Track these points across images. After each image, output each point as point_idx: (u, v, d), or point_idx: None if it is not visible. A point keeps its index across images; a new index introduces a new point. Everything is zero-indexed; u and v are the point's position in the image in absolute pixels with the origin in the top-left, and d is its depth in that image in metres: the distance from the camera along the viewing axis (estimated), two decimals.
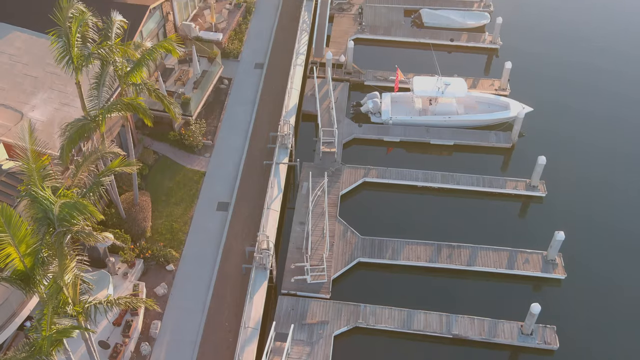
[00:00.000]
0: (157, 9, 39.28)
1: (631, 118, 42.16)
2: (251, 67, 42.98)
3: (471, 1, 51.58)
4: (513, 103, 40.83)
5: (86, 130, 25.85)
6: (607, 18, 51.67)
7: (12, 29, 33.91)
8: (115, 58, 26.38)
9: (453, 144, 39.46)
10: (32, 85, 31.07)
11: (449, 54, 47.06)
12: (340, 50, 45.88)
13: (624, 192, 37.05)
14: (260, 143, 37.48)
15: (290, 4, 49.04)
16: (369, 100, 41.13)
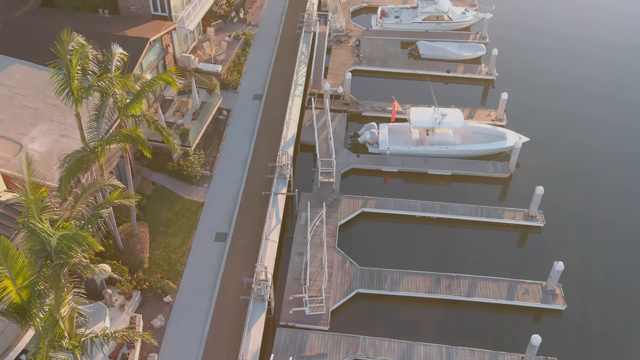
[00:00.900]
0: (157, 41, 39.76)
1: (628, 148, 42.42)
2: (250, 98, 43.34)
3: (467, 33, 52.34)
4: (509, 133, 41.12)
5: (85, 161, 25.92)
6: (602, 48, 52.35)
7: (13, 61, 34.26)
8: (115, 90, 26.60)
9: (451, 174, 39.60)
10: (32, 116, 31.25)
11: (445, 85, 47.55)
12: (338, 81, 46.33)
13: (623, 222, 37.05)
14: (259, 173, 37.56)
15: (289, 36, 49.69)
16: (367, 131, 41.40)
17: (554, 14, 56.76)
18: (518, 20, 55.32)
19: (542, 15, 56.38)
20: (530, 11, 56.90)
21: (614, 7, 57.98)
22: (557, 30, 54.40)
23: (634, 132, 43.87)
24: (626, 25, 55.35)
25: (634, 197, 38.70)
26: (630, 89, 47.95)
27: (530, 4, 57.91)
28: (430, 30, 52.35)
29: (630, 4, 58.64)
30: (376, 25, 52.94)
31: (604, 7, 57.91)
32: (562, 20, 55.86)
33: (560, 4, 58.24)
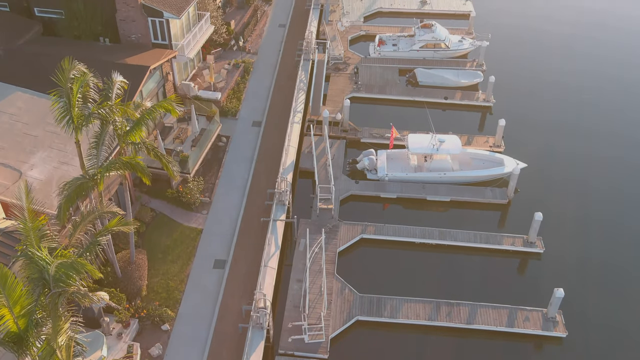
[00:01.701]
0: (157, 69, 40.16)
1: (626, 173, 42.59)
2: (249, 125, 43.60)
3: (464, 61, 52.91)
4: (507, 159, 41.32)
5: (84, 188, 25.96)
6: (597, 74, 52.96)
7: (14, 89, 34.54)
8: (115, 118, 26.77)
9: (449, 200, 39.65)
10: (32, 144, 31.38)
11: (443, 111, 47.90)
12: (336, 108, 46.68)
13: (622, 248, 37.01)
14: (258, 200, 37.58)
15: (288, 64, 50.19)
16: (365, 158, 41.58)
17: (549, 41, 57.46)
18: (514, 48, 56.00)
19: (538, 43, 57.07)
20: (526, 39, 57.61)
21: (608, 35, 58.73)
22: (553, 57, 55.06)
23: (633, 157, 44.06)
24: (621, 53, 56.06)
25: (634, 222, 38.70)
26: (627, 114, 48.33)
27: (526, 33, 58.64)
28: (427, 57, 52.94)
29: (624, 33, 59.44)
30: (374, 53, 53.54)
31: (597, 35, 58.67)
32: (558, 47, 56.55)
33: (555, 33, 58.95)
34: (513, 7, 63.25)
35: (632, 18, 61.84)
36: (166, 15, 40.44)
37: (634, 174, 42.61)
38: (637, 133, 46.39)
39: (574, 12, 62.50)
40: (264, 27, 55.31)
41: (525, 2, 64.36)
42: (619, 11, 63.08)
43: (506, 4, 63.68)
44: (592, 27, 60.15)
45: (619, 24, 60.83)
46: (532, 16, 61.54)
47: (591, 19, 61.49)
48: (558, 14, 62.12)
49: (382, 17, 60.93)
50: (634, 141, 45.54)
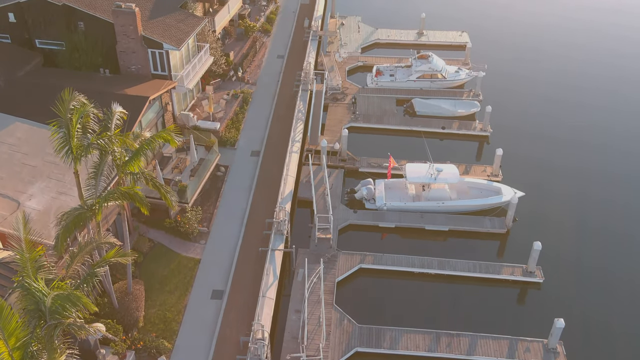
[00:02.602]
0: (157, 99, 40.47)
1: (623, 200, 42.68)
2: (247, 155, 43.75)
3: (461, 91, 53.43)
4: (505, 188, 41.44)
5: (82, 219, 25.90)
6: (592, 102, 53.51)
7: (13, 119, 34.74)
8: (114, 148, 26.87)
9: (448, 229, 39.60)
10: (31, 174, 31.41)
11: (440, 141, 48.18)
12: (334, 138, 46.92)
13: (623, 276, 36.86)
14: (256, 229, 37.48)
15: (286, 94, 50.63)
16: (363, 187, 41.66)
17: (544, 72, 58.16)
18: (510, 78, 56.64)
19: (533, 73, 57.75)
20: (522, 70, 58.31)
21: (602, 65, 59.48)
22: (548, 87, 55.68)
23: (631, 183, 44.22)
24: (616, 80, 56.71)
25: (634, 250, 38.63)
26: (624, 141, 48.71)
27: (521, 63, 59.38)
28: (424, 88, 53.45)
29: (618, 60, 60.21)
30: (372, 83, 54.06)
31: (591, 65, 59.41)
32: (552, 77, 57.20)
33: (550, 62, 59.70)
34: (508, 38, 64.17)
35: (626, 54, 62.67)
36: (166, 47, 40.93)
37: (632, 202, 42.66)
38: (635, 161, 46.59)
39: (567, 43, 63.35)
40: (262, 58, 55.94)
41: (520, 34, 65.27)
42: (612, 41, 64.01)
43: (501, 36, 64.59)
44: (586, 57, 60.94)
45: (612, 54, 61.66)
46: (526, 47, 62.39)
47: (584, 50, 62.33)
48: (552, 45, 62.97)
49: (380, 48, 61.73)
50: (632, 169, 45.73)
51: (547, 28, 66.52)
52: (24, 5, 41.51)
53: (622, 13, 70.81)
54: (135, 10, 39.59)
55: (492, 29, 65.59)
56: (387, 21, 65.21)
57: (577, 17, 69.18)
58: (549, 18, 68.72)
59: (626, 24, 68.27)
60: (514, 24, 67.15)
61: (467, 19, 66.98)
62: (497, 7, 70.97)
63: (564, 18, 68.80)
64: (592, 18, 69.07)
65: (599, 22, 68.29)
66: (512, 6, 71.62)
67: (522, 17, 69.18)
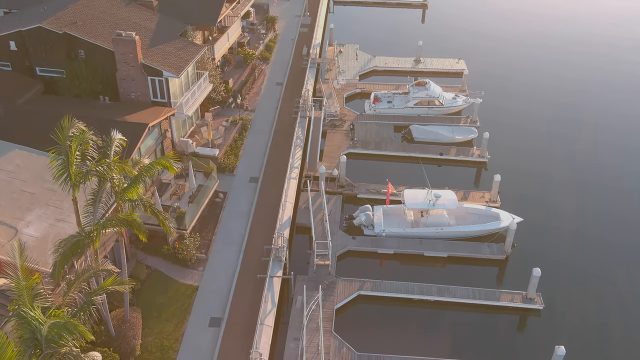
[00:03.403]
0: (156, 126, 40.67)
1: (623, 225, 42.67)
2: (246, 181, 43.82)
3: (458, 117, 53.78)
4: (503, 214, 41.45)
5: (80, 246, 25.80)
6: (591, 127, 53.85)
7: (12, 147, 34.83)
8: (113, 175, 26.91)
9: (447, 256, 39.49)
10: (29, 201, 31.39)
11: (438, 167, 48.32)
12: (333, 164, 47.06)
13: (623, 303, 36.64)
14: (255, 256, 37.36)
15: (285, 121, 50.93)
16: (362, 214, 41.64)
17: (540, 97, 58.62)
18: (507, 105, 57.04)
19: (529, 100, 58.21)
20: (518, 96, 58.77)
21: (598, 88, 60.03)
22: (545, 113, 56.04)
23: (631, 209, 44.25)
24: (613, 101, 57.20)
25: (634, 276, 38.48)
26: (622, 165, 48.93)
27: (517, 90, 59.88)
28: (422, 114, 53.80)
29: (614, 80, 60.80)
30: (369, 110, 54.41)
31: (587, 89, 59.95)
32: (549, 103, 57.63)
33: (546, 88, 60.22)
34: (504, 65, 64.81)
35: (622, 73, 63.36)
36: (165, 75, 41.29)
37: (631, 226, 42.65)
38: (633, 184, 46.74)
39: (563, 68, 64.03)
40: (261, 85, 56.42)
41: (516, 60, 65.96)
42: (609, 65, 64.72)
43: (498, 63, 65.26)
44: (583, 80, 61.55)
45: (608, 77, 62.32)
46: (522, 74, 62.99)
47: (581, 73, 63.00)
48: (548, 71, 63.63)
49: (377, 75, 62.28)
50: (630, 192, 45.83)
51: (542, 54, 67.23)
52: (25, 33, 41.98)
53: (617, 34, 71.75)
54: (135, 39, 40.03)
55: (489, 56, 66.32)
56: (384, 49, 65.93)
57: (571, 41, 70.01)
58: (544, 44, 69.51)
59: (622, 43, 69.26)
60: (510, 51, 67.91)
61: (464, 46, 67.74)
62: (493, 35, 71.84)
63: (558, 43, 69.59)
64: (587, 41, 69.90)
65: (594, 44, 69.14)
66: (507, 33, 72.49)
67: (518, 46, 69.96)
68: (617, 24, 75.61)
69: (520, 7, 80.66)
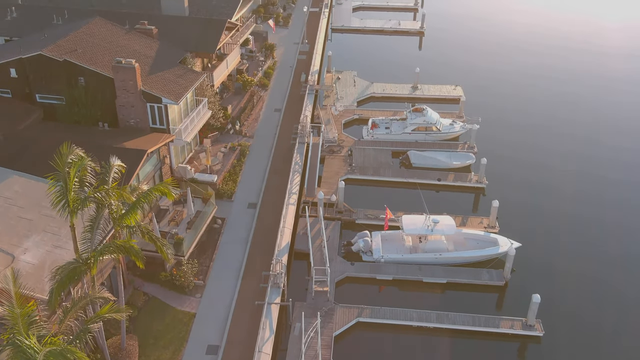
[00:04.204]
0: (155, 152, 40.78)
1: (621, 249, 42.58)
2: (244, 207, 43.79)
3: (456, 143, 54.03)
4: (501, 239, 41.41)
5: (77, 273, 25.67)
6: (588, 151, 54.14)
7: (11, 173, 34.88)
8: (111, 201, 26.90)
9: (446, 282, 39.29)
10: (26, 228, 31.32)
11: (436, 193, 48.38)
12: (331, 190, 47.10)
13: (624, 328, 36.37)
14: (253, 282, 37.15)
15: (283, 147, 51.11)
16: (360, 240, 41.55)
17: (536, 123, 58.97)
18: (504, 130, 57.38)
19: (526, 125, 58.55)
20: (515, 121, 59.14)
21: (595, 115, 60.49)
22: (541, 138, 56.32)
23: (628, 232, 44.21)
24: (610, 127, 57.56)
25: (634, 301, 38.26)
26: (620, 187, 49.05)
27: (514, 116, 60.27)
28: (419, 140, 54.05)
29: (610, 106, 61.27)
30: (367, 136, 54.68)
31: (583, 115, 60.40)
32: (547, 127, 57.98)
33: (542, 114, 60.63)
34: (501, 92, 65.35)
35: (622, 101, 63.91)
36: (165, 101, 41.58)
37: (631, 251, 42.55)
38: (632, 209, 46.76)
39: (559, 94, 64.55)
40: (260, 111, 56.76)
41: (513, 87, 66.53)
42: (607, 92, 65.31)
43: (495, 89, 65.78)
44: (580, 108, 62.02)
45: (606, 105, 62.85)
46: (519, 100, 63.48)
47: (578, 100, 63.52)
48: (544, 96, 64.14)
49: (375, 101, 62.73)
50: (628, 217, 45.82)
51: (539, 81, 67.85)
52: (26, 61, 42.37)
53: (609, 61, 72.61)
54: (135, 66, 40.39)
55: (485, 83, 66.88)
56: (382, 76, 66.53)
57: (568, 69, 70.75)
58: (540, 71, 70.21)
59: (617, 71, 69.99)
60: (506, 78, 68.52)
61: (461, 73, 68.37)
62: (489, 62, 72.60)
63: (554, 71, 70.31)
64: (581, 68, 70.63)
65: (588, 70, 69.87)
66: (503, 60, 73.26)
67: (515, 73, 70.66)
68: (616, 48, 76.63)
69: (516, 35, 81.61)
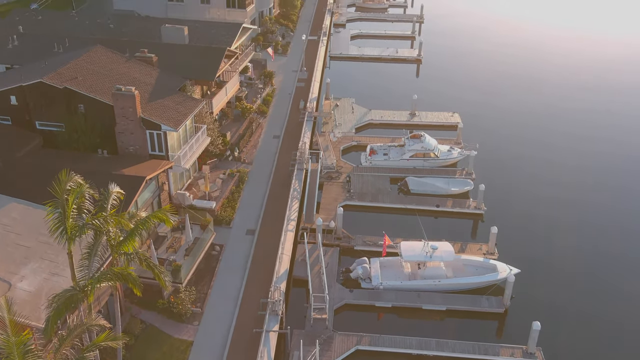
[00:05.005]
0: (153, 179, 40.83)
1: (621, 275, 42.45)
2: (243, 234, 43.69)
3: (454, 169, 54.21)
4: (500, 265, 41.29)
5: (74, 301, 25.45)
6: (585, 178, 54.30)
7: (10, 200, 34.88)
8: (109, 228, 26.84)
9: (445, 309, 39.04)
10: (24, 255, 31.19)
11: (435, 219, 48.35)
12: (330, 216, 47.07)
13: (627, 355, 36.02)
14: (251, 310, 36.88)
15: (282, 173, 51.24)
16: (359, 266, 41.40)
17: (534, 150, 59.26)
18: (501, 156, 57.66)
19: (524, 151, 58.85)
20: (513, 148, 59.45)
21: (595, 137, 60.84)
22: (538, 165, 56.55)
23: (628, 258, 44.07)
24: (606, 157, 57.81)
25: (635, 326, 37.96)
26: (618, 214, 49.01)
27: (512, 142, 60.63)
28: (417, 166, 54.25)
29: (606, 135, 61.62)
30: (366, 162, 54.88)
31: (581, 142, 60.74)
32: (543, 153, 58.25)
33: (539, 142, 60.97)
34: (498, 118, 65.85)
35: (619, 124, 64.38)
36: (164, 128, 41.79)
37: (632, 276, 42.40)
38: (630, 236, 46.70)
39: (556, 120, 65.02)
40: (259, 138, 57.04)
41: (510, 113, 67.06)
42: (605, 114, 65.87)
43: (492, 116, 66.30)
44: (577, 132, 62.45)
45: (605, 126, 63.41)
46: (515, 127, 63.96)
47: (575, 124, 64.02)
48: (541, 122, 64.62)
49: (373, 128, 63.09)
50: (628, 244, 45.74)
51: (535, 106, 68.42)
52: (26, 88, 42.69)
53: (606, 88, 73.34)
54: (135, 93, 40.70)
55: (483, 110, 67.42)
56: (380, 103, 67.06)
57: (564, 95, 71.38)
58: (537, 97, 70.85)
59: (614, 98, 70.76)
60: (503, 105, 69.16)
61: (458, 100, 68.93)
62: (486, 88, 73.32)
63: (551, 98, 70.95)
64: (581, 93, 71.28)
65: (589, 96, 70.55)
66: (500, 86, 74.00)
67: (512, 100, 71.29)
68: (615, 72, 77.53)
69: (513, 63, 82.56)
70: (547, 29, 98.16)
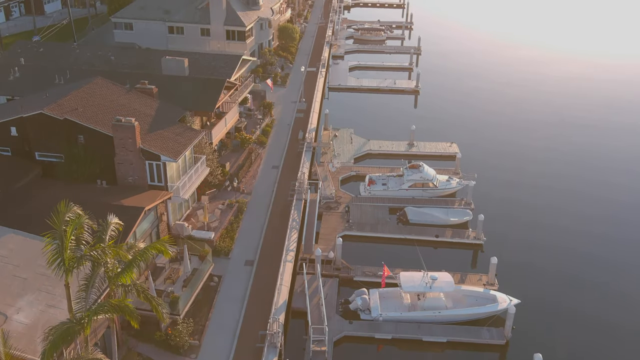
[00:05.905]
0: (152, 210, 40.78)
1: (622, 304, 42.11)
2: (241, 265, 43.45)
3: (452, 199, 54.22)
4: (500, 296, 41.00)
5: (70, 333, 25.17)
6: (585, 207, 54.28)
7: (7, 231, 34.73)
8: (107, 259, 26.70)
9: (446, 341, 38.61)
10: (20, 286, 30.94)
11: (434, 249, 48.17)
12: (329, 246, 46.88)
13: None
14: (249, 342, 36.44)
15: (281, 203, 51.20)
16: (358, 298, 41.07)
17: (532, 180, 59.38)
18: (500, 187, 57.70)
19: (522, 180, 58.95)
20: (511, 178, 59.55)
21: (590, 169, 61.05)
22: (537, 195, 56.58)
23: (629, 290, 43.76)
24: (605, 181, 57.94)
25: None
26: (618, 246, 48.81)
27: (510, 172, 60.77)
28: (416, 196, 54.26)
29: (606, 161, 61.88)
30: (364, 192, 54.90)
31: (578, 169, 60.94)
32: (542, 183, 58.35)
33: (537, 171, 61.16)
34: (496, 148, 66.16)
35: (616, 155, 64.65)
36: (163, 159, 41.92)
37: (635, 307, 42.04)
38: (628, 264, 46.53)
39: (553, 151, 65.34)
40: (258, 168, 57.17)
41: (508, 143, 67.42)
42: (599, 149, 66.16)
43: (490, 146, 66.64)
44: (572, 163, 62.72)
45: (603, 152, 63.77)
46: (514, 156, 64.21)
47: (573, 152, 64.35)
48: (539, 151, 64.92)
49: (372, 158, 63.33)
50: (631, 272, 45.51)
51: (534, 135, 68.84)
52: (26, 119, 42.94)
53: (605, 113, 73.97)
54: (134, 124, 40.93)
55: (480, 140, 67.81)
56: (378, 133, 67.44)
57: (560, 123, 71.89)
58: (534, 126, 71.35)
59: (613, 123, 71.39)
60: (501, 134, 69.61)
61: (456, 130, 69.40)
62: (484, 119, 73.88)
63: (548, 127, 71.44)
64: (577, 120, 71.80)
65: (585, 123, 71.12)
66: (498, 115, 74.57)
67: (509, 129, 71.78)
68: (614, 99, 78.18)
69: (510, 92, 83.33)
70: (544, 55, 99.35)
